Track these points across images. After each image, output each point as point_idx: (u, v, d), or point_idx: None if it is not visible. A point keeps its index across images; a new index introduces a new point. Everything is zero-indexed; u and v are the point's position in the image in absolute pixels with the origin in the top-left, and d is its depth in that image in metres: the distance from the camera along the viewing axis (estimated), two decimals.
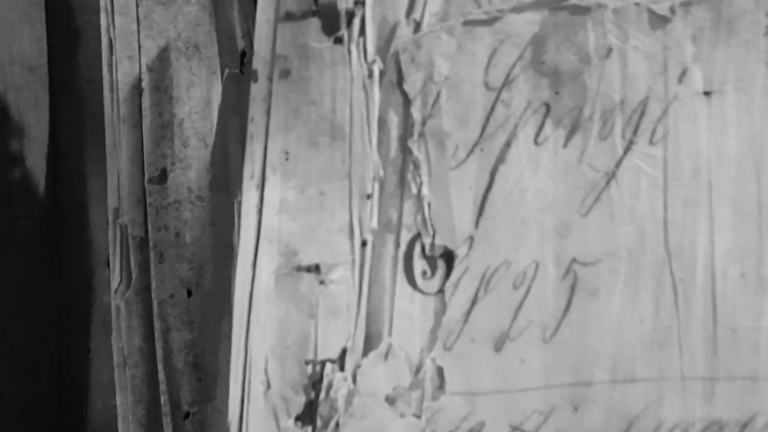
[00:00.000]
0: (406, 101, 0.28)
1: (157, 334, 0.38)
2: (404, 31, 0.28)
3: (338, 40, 0.28)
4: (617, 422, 0.30)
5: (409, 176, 0.29)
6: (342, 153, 0.29)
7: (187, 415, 0.39)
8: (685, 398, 0.30)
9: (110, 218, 0.38)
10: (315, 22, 0.28)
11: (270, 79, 0.29)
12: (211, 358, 0.39)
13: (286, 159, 0.29)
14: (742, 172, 0.29)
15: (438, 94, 0.28)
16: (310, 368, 0.29)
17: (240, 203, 0.30)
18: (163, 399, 0.39)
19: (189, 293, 0.38)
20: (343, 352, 0.29)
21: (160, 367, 0.39)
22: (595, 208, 0.29)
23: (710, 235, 0.29)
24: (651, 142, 0.29)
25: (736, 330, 0.30)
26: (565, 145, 0.29)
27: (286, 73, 0.28)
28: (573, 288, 0.29)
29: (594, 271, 0.29)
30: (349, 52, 0.28)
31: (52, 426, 0.42)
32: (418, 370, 0.30)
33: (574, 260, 0.29)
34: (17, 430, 0.41)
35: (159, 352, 0.39)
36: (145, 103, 0.37)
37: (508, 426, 0.30)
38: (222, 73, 0.37)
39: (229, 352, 0.30)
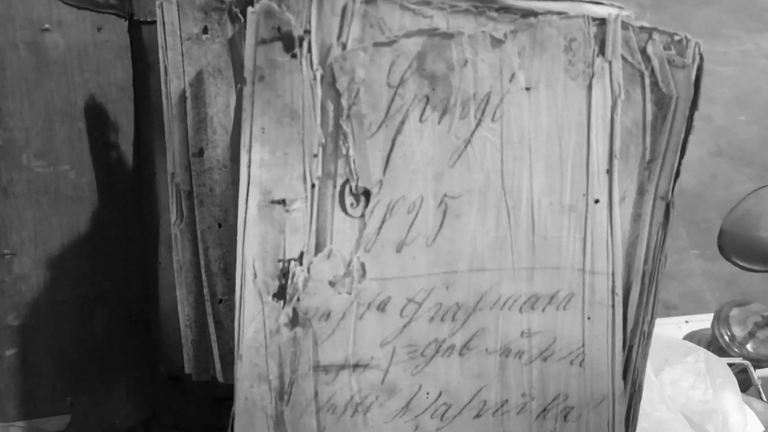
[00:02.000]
0: (338, 95, 0.27)
1: (200, 251, 0.37)
2: (336, 50, 0.27)
3: (294, 56, 0.27)
4: (473, 296, 0.29)
5: (341, 143, 0.27)
6: (298, 128, 0.27)
7: (220, 301, 0.37)
8: (515, 280, 0.29)
9: (169, 179, 0.37)
10: (279, 44, 0.27)
11: (253, 83, 0.27)
12: (234, 266, 0.38)
13: (263, 132, 0.27)
14: (550, 139, 0.28)
15: (358, 90, 0.27)
16: (281, 264, 0.28)
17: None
18: (205, 291, 0.37)
19: (219, 225, 0.37)
20: (302, 254, 0.28)
21: (202, 271, 0.38)
22: (459, 163, 0.28)
23: (530, 179, 0.28)
24: (493, 120, 0.28)
25: (546, 237, 0.29)
26: (439, 122, 0.28)
27: (261, 78, 0.27)
28: (445, 213, 0.28)
29: (458, 202, 0.28)
30: (301, 64, 0.27)
31: (139, 312, 0.41)
32: (349, 264, 0.28)
33: (445, 195, 0.28)
34: (118, 314, 0.41)
35: (202, 262, 0.37)
36: (188, 106, 0.35)
37: (405, 298, 0.29)
38: (236, 87, 0.35)
39: None
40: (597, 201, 0.28)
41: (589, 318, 0.29)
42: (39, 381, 0.37)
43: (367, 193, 0.28)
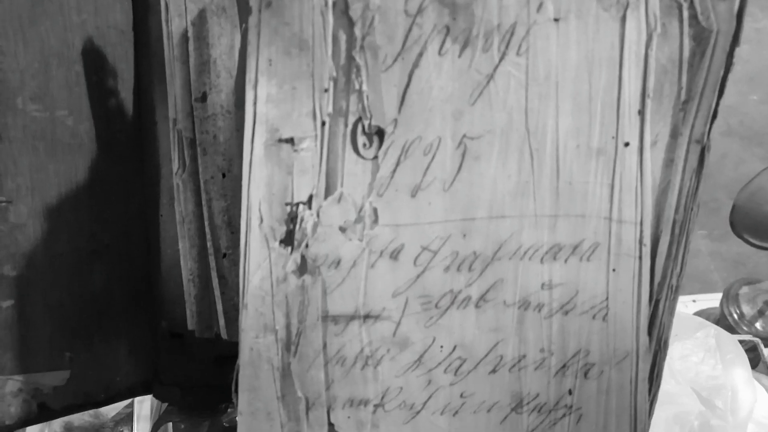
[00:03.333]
0: (351, 23, 0.25)
1: (203, 203, 0.36)
2: None
3: None
4: (492, 245, 0.28)
5: (354, 77, 0.26)
6: (307, 60, 0.26)
7: (224, 255, 0.36)
8: (537, 229, 0.28)
9: (171, 126, 0.36)
10: None
11: (259, 10, 0.26)
12: (239, 219, 0.37)
13: (270, 65, 0.26)
14: (579, 76, 0.27)
15: (373, 19, 0.25)
16: (288, 208, 0.27)
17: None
18: (208, 245, 0.37)
19: (223, 175, 0.36)
20: (311, 197, 0.27)
21: (206, 224, 0.37)
22: (480, 100, 0.27)
23: (556, 119, 0.27)
24: (518, 54, 0.27)
25: (572, 183, 0.28)
26: (459, 56, 0.27)
27: (268, 4, 0.26)
28: (464, 155, 0.27)
29: (478, 143, 0.27)
30: None
31: (141, 265, 0.40)
32: (360, 209, 0.28)
33: (464, 136, 0.27)
34: (118, 270, 0.40)
35: (205, 214, 0.36)
36: (191, 47, 0.34)
37: (419, 246, 0.28)
38: (241, 26, 0.34)
39: None
40: (627, 144, 0.27)
41: (614, 270, 0.28)
42: (36, 335, 0.36)
43: (380, 133, 0.27)
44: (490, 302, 0.28)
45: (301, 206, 0.27)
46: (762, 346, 0.54)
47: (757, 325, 0.60)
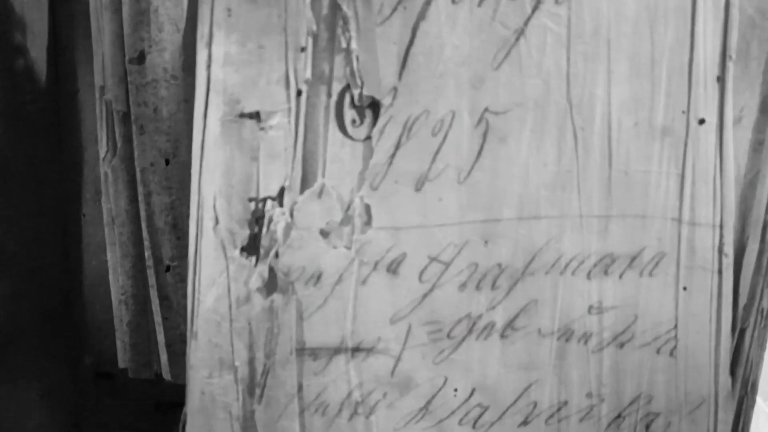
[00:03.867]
0: None
1: (140, 198, 0.35)
2: None
3: None
4: (522, 254, 0.29)
5: (339, 31, 0.27)
6: (278, 8, 0.26)
7: (168, 268, 0.36)
8: (583, 234, 0.28)
9: (97, 96, 0.36)
10: None
11: None
12: (187, 220, 0.37)
13: (229, 15, 0.27)
14: (637, 31, 0.27)
15: None
16: (253, 205, 0.28)
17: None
18: (147, 254, 0.36)
19: (167, 162, 0.35)
20: (282, 190, 0.28)
21: (143, 226, 0.36)
22: (506, 63, 0.27)
23: (607, 88, 0.27)
24: (556, 1, 0.27)
25: (628, 173, 0.28)
26: (479, 4, 0.27)
27: None
28: (485, 135, 0.28)
29: (504, 119, 0.28)
30: None
31: (56, 281, 0.40)
32: (348, 207, 0.28)
33: (486, 110, 0.28)
34: (27, 287, 0.40)
35: (142, 214, 0.36)
36: None
37: (426, 257, 0.28)
38: None
39: None
40: (702, 121, 0.27)
41: (684, 288, 0.28)
42: None
43: (375, 106, 0.27)
44: (521, 331, 0.29)
45: (269, 203, 0.28)
46: None
47: None
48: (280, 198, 0.28)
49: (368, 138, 0.28)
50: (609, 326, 0.29)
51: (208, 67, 0.27)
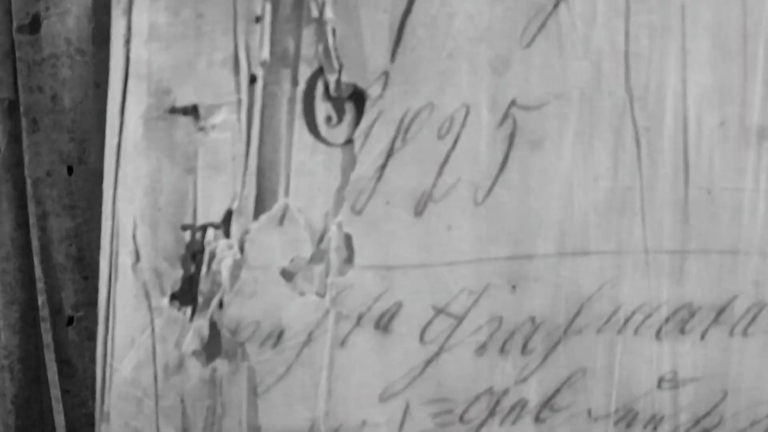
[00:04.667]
0: None
1: (32, 221, 0.36)
2: None
3: None
4: (565, 304, 0.30)
5: None
6: None
7: (70, 320, 0.36)
8: (649, 276, 0.29)
9: None
10: None
11: None
12: (97, 253, 0.36)
13: None
14: None
15: None
16: (188, 235, 0.29)
17: None
18: (40, 300, 0.37)
19: (70, 171, 0.36)
20: (228, 214, 0.29)
21: (36, 261, 0.37)
22: (541, 38, 0.28)
23: (682, 73, 0.29)
24: None
25: (712, 192, 0.29)
26: None
27: None
28: (511, 138, 0.29)
29: (538, 116, 0.29)
30: None
31: None
32: (321, 238, 0.29)
33: (513, 103, 0.29)
34: None
35: (34, 243, 0.36)
36: None
37: (430, 307, 0.30)
38: None
39: None
40: None
41: None
42: None
43: (358, 98, 0.29)
44: (563, 412, 0.30)
45: (210, 232, 0.29)
46: None
47: None
48: (225, 225, 0.29)
49: (349, 142, 0.29)
50: (687, 406, 0.30)
51: (127, 42, 0.28)
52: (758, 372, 0.30)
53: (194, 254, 0.29)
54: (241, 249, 0.29)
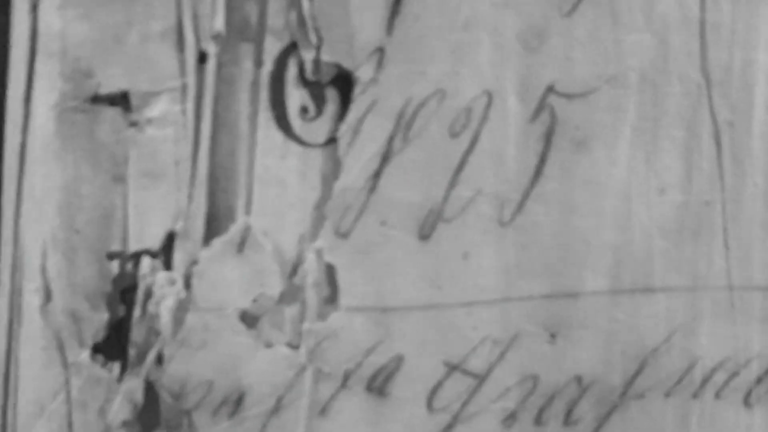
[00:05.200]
0: None
1: None
2: None
3: None
4: (621, 360, 0.27)
5: None
6: None
7: None
8: (735, 321, 0.27)
9: None
10: None
11: None
12: None
13: None
14: None
15: None
16: (115, 266, 0.27)
17: None
18: None
19: None
20: (170, 238, 0.27)
21: None
22: (587, 3, 0.26)
23: None
24: None
25: None
26: None
27: None
28: (549, 136, 0.27)
29: (583, 107, 0.26)
30: None
31: None
32: (294, 270, 0.27)
33: (550, 89, 0.26)
34: None
35: None
36: None
37: (441, 363, 0.27)
38: None
39: None
40: None
41: None
42: None
43: (344, 82, 0.27)
44: None
45: (146, 262, 0.27)
46: None
47: None
48: (166, 253, 0.27)
49: (332, 141, 0.27)
50: None
51: (34, 7, 0.26)
52: None
53: (124, 292, 0.27)
54: (187, 285, 0.27)
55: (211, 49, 0.26)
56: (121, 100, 0.26)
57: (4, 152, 0.28)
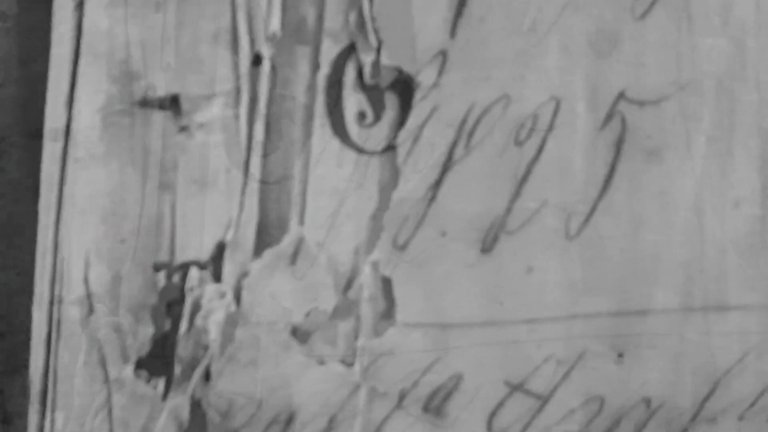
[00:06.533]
0: None
1: None
2: None
3: None
4: (692, 381, 0.26)
5: None
6: None
7: None
8: None
9: None
10: None
11: None
12: (30, 302, 0.35)
13: None
14: None
15: None
16: (162, 277, 0.26)
17: None
18: None
19: None
20: (220, 249, 0.26)
21: None
22: (660, 6, 0.26)
23: None
24: None
25: None
26: None
27: None
28: (619, 144, 0.26)
29: (656, 115, 0.26)
30: None
31: None
32: (349, 283, 0.27)
33: (621, 96, 0.26)
34: None
35: None
36: None
37: (502, 383, 0.27)
38: None
39: None
40: None
41: None
42: None
43: (404, 87, 0.26)
44: None
45: (194, 273, 0.26)
46: None
47: None
48: (216, 264, 0.26)
49: (390, 148, 0.26)
50: None
51: (80, 6, 0.26)
52: None
53: (170, 304, 0.27)
54: (237, 298, 0.26)
55: (266, 51, 0.26)
56: (171, 104, 0.26)
57: (43, 154, 0.27)
